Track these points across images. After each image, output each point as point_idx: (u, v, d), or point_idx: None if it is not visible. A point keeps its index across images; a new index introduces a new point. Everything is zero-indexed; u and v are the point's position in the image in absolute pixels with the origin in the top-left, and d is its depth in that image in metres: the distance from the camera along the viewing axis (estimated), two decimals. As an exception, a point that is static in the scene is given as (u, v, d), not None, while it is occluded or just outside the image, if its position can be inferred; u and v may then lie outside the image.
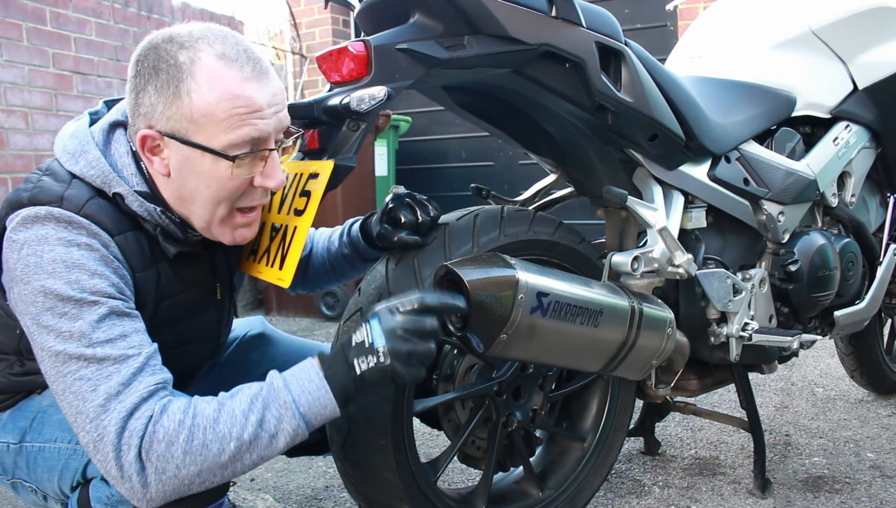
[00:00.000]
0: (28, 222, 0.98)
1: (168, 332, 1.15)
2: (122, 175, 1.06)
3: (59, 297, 0.95)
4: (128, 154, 1.08)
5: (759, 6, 1.87)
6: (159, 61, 1.01)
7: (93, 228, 1.01)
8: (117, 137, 1.10)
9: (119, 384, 0.93)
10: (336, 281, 1.48)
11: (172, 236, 1.10)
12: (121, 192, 1.04)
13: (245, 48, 1.04)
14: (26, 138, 3.34)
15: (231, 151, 1.01)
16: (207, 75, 1.00)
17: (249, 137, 1.02)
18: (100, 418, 0.91)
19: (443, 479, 1.55)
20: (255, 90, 1.01)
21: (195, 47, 1.01)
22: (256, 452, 0.95)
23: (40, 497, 1.16)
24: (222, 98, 0.99)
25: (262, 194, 1.09)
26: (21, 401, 1.17)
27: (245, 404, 0.95)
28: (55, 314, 0.95)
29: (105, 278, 0.98)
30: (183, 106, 1.00)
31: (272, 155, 1.06)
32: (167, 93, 1.00)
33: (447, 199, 2.95)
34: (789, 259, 1.65)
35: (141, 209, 1.06)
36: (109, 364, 0.94)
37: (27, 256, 0.97)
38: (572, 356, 1.26)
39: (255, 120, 1.01)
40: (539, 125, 1.47)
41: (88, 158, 1.05)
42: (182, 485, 0.92)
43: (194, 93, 0.99)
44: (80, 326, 0.94)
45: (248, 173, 1.05)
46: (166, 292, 1.13)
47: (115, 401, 0.92)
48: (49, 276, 0.95)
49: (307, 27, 5.14)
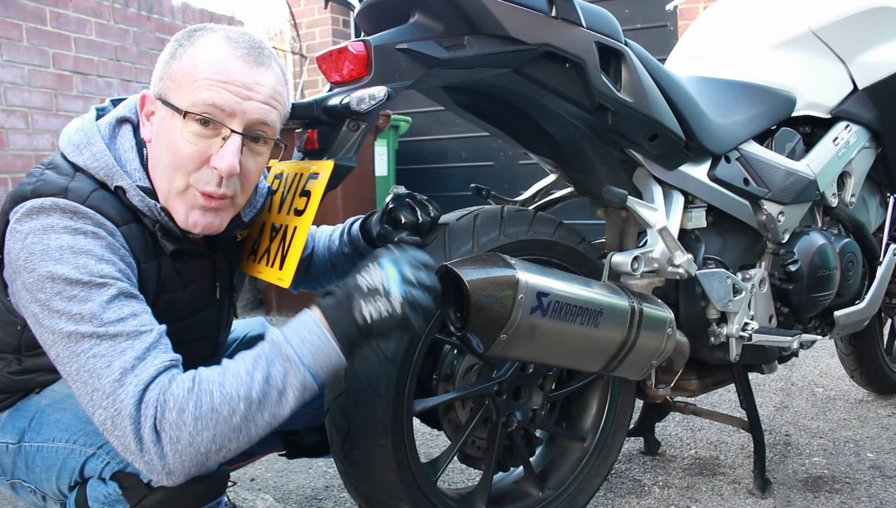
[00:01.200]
0: (33, 213, 0.98)
1: (171, 325, 1.15)
2: (125, 169, 1.07)
3: (68, 281, 0.95)
4: (132, 149, 1.09)
5: (759, 6, 1.87)
6: (182, 36, 1.08)
7: (98, 217, 1.01)
8: (123, 131, 1.10)
9: (134, 359, 0.93)
10: (337, 279, 1.48)
11: (170, 233, 1.09)
12: (123, 185, 1.05)
13: (254, 40, 1.07)
14: (26, 138, 3.34)
15: (189, 109, 1.02)
16: (204, 44, 1.04)
17: (211, 102, 1.01)
18: (116, 392, 0.91)
19: (443, 479, 1.54)
20: (237, 67, 1.03)
21: (213, 30, 1.07)
22: (268, 410, 0.95)
23: (39, 498, 1.16)
24: (204, 63, 1.03)
25: (215, 179, 1.04)
26: (19, 401, 1.17)
27: (249, 363, 0.95)
28: (64, 298, 0.94)
29: (112, 263, 0.99)
30: (173, 65, 1.05)
31: (233, 138, 1.03)
32: (168, 56, 1.06)
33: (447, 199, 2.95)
34: (789, 259, 1.65)
35: (142, 204, 1.06)
36: (123, 340, 0.94)
37: (32, 244, 0.97)
38: (572, 356, 1.26)
39: (222, 89, 1.02)
40: (539, 125, 1.47)
41: (93, 149, 1.06)
42: (199, 454, 0.92)
43: (186, 56, 1.04)
44: (91, 307, 0.94)
45: (205, 147, 1.03)
46: (166, 286, 1.12)
47: (130, 374, 0.92)
48: (56, 262, 0.95)
49: (307, 27, 5.14)
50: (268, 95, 1.06)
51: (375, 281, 1.01)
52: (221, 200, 1.07)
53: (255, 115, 1.05)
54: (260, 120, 1.06)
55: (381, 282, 1.01)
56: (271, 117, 1.07)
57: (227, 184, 1.06)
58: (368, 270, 1.02)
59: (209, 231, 1.09)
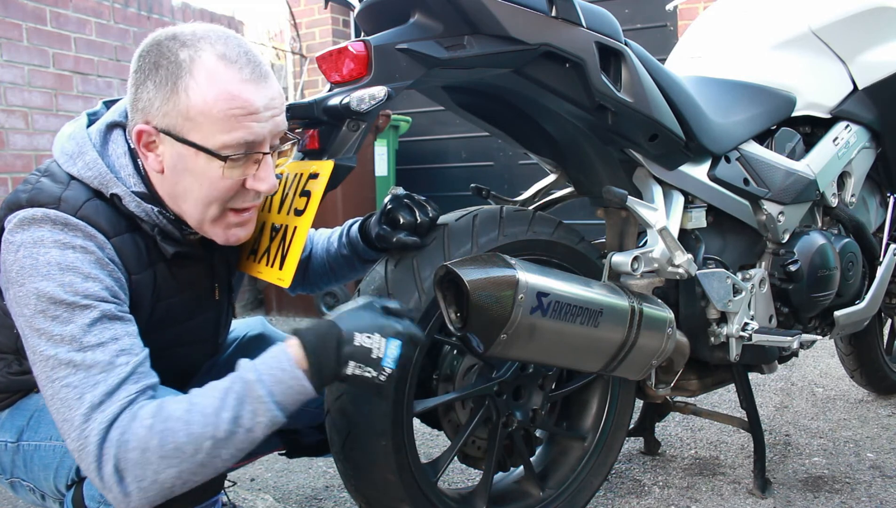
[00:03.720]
0: (25, 224, 0.99)
1: (166, 333, 1.15)
2: (119, 176, 1.06)
3: (52, 300, 0.95)
4: (125, 154, 1.08)
5: (759, 6, 1.87)
6: (160, 57, 1.01)
7: (89, 230, 1.00)
8: (115, 137, 1.09)
9: (103, 394, 0.92)
10: (335, 282, 1.48)
11: (170, 236, 1.09)
12: (118, 193, 1.04)
13: (246, 50, 1.04)
14: (26, 138, 3.34)
15: (224, 151, 1.01)
16: (206, 74, 1.00)
17: (244, 140, 1.01)
18: (82, 427, 0.91)
19: (443, 479, 1.54)
20: (252, 92, 1.01)
21: (197, 46, 1.01)
22: (235, 446, 0.94)
23: (38, 496, 1.16)
24: (219, 98, 0.99)
25: (253, 196, 1.08)
26: (19, 400, 1.17)
27: (217, 400, 0.94)
28: (47, 317, 0.94)
29: (99, 281, 0.98)
30: (180, 103, 1.00)
31: (266, 159, 1.05)
32: (165, 89, 1.00)
33: (447, 199, 2.95)
34: (789, 259, 1.65)
35: (138, 210, 1.06)
36: (97, 372, 0.93)
37: (23, 258, 0.97)
38: (572, 356, 1.26)
39: (251, 122, 1.01)
40: (539, 125, 1.47)
41: (86, 159, 1.05)
42: (164, 489, 0.92)
43: (192, 90, 0.99)
44: (71, 329, 0.94)
45: (241, 175, 1.05)
46: (163, 293, 1.12)
47: (97, 411, 0.91)
48: (43, 278, 0.95)
49: (307, 27, 5.14)
50: (281, 103, 1.07)
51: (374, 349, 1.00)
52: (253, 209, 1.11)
53: (280, 127, 1.07)
54: (281, 130, 1.07)
55: (378, 352, 1.01)
56: (285, 120, 1.09)
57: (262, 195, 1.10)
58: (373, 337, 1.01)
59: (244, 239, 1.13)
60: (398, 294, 1.22)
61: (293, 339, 1.00)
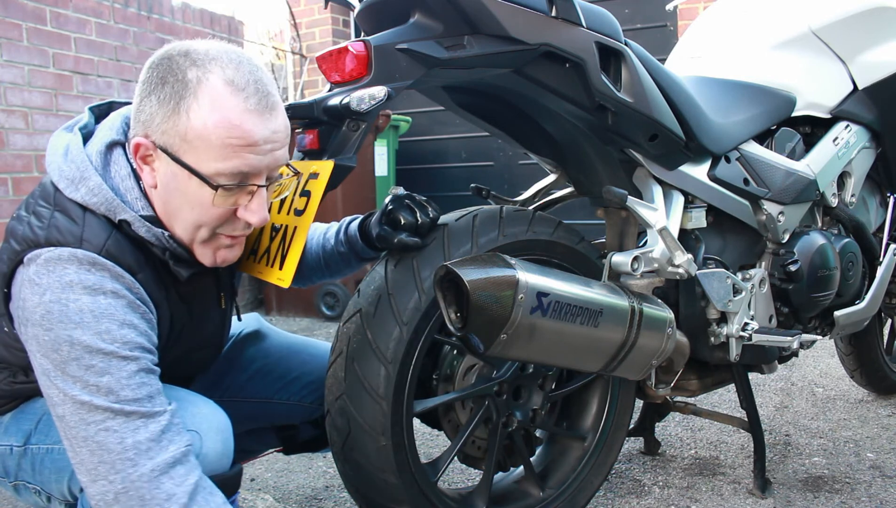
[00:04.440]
0: (50, 265, 0.96)
1: (178, 347, 1.15)
2: (125, 200, 1.04)
3: (87, 348, 0.93)
4: (129, 176, 1.05)
5: (759, 6, 1.87)
6: (168, 73, 0.99)
7: (116, 270, 0.98)
8: (115, 158, 1.06)
9: (148, 441, 0.92)
10: (329, 277, 1.48)
11: (181, 259, 1.07)
12: (127, 219, 1.02)
13: (257, 78, 1.00)
14: (26, 138, 3.34)
15: (217, 179, 0.99)
16: (210, 98, 0.97)
17: (238, 170, 0.99)
18: (126, 471, 0.91)
19: (443, 479, 1.54)
20: (254, 123, 0.98)
21: (207, 67, 0.98)
22: None
23: (44, 499, 1.16)
24: (219, 125, 0.97)
25: (243, 225, 1.06)
26: (22, 404, 1.17)
27: None
28: (81, 366, 0.93)
29: (134, 327, 0.97)
30: (179, 123, 0.98)
31: (260, 191, 1.03)
32: (167, 106, 0.98)
33: (447, 199, 2.95)
34: (789, 259, 1.65)
35: (149, 235, 1.03)
36: (137, 418, 0.93)
37: (50, 302, 0.94)
38: (572, 356, 1.26)
39: (248, 154, 0.98)
40: (539, 125, 1.47)
41: (89, 184, 1.02)
42: None
43: (193, 112, 0.97)
44: (108, 381, 0.93)
45: (232, 204, 1.03)
46: (176, 317, 1.12)
47: (144, 457, 0.91)
48: (77, 326, 0.93)
49: (307, 27, 5.14)
50: (284, 136, 1.03)
51: None
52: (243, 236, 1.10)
53: (279, 162, 1.04)
54: (280, 165, 1.05)
55: None
56: (287, 154, 1.06)
57: None
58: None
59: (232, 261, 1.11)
60: (398, 294, 1.22)
61: None
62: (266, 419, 1.47)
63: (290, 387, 1.45)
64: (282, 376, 1.45)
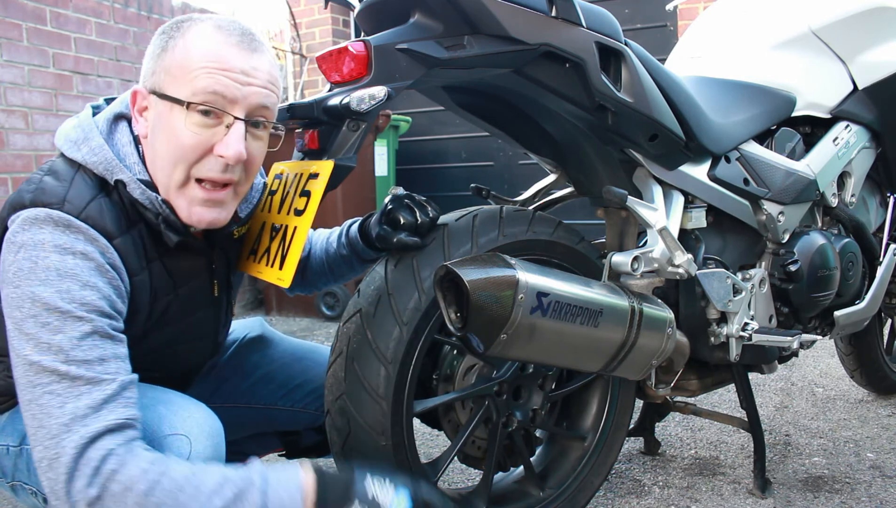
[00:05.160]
0: (27, 225, 0.98)
1: (165, 331, 1.14)
2: (125, 163, 1.07)
3: (46, 306, 0.94)
4: (130, 143, 1.09)
5: (759, 6, 1.87)
6: (169, 28, 1.07)
7: (91, 233, 1.00)
8: (121, 128, 1.11)
9: (87, 407, 0.90)
10: (334, 282, 1.48)
11: (173, 226, 1.09)
12: (123, 179, 1.05)
13: (245, 28, 1.07)
14: (26, 138, 3.34)
15: (190, 98, 1.02)
16: (196, 34, 1.04)
17: (211, 89, 1.02)
18: (60, 436, 0.89)
19: (443, 479, 1.54)
20: (232, 53, 1.03)
21: (201, 19, 1.07)
22: None
23: (40, 500, 1.16)
24: (199, 52, 1.02)
25: (219, 166, 1.05)
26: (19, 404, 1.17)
27: (216, 484, 0.91)
28: (38, 323, 0.93)
29: (96, 289, 0.97)
30: (165, 58, 1.04)
31: (236, 125, 1.04)
32: (158, 50, 1.06)
33: (447, 199, 2.95)
34: (789, 259, 1.65)
35: (143, 197, 1.06)
36: (81, 384, 0.92)
37: (22, 260, 0.96)
38: (572, 356, 1.26)
39: (222, 77, 1.02)
40: (539, 125, 1.47)
41: (91, 144, 1.05)
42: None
43: (178, 48, 1.04)
44: (60, 340, 0.93)
45: (209, 136, 1.03)
46: (160, 292, 1.12)
47: (79, 423, 0.89)
48: (41, 283, 0.94)
49: (307, 27, 5.14)
50: (265, 79, 1.06)
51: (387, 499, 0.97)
52: (224, 188, 1.08)
53: (256, 99, 1.05)
54: (261, 104, 1.06)
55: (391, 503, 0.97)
56: (271, 101, 1.08)
57: (232, 170, 1.06)
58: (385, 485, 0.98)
59: (214, 225, 1.10)
60: (398, 294, 1.22)
61: (311, 474, 0.96)
62: (269, 425, 1.47)
63: (293, 394, 1.45)
64: (285, 382, 1.45)
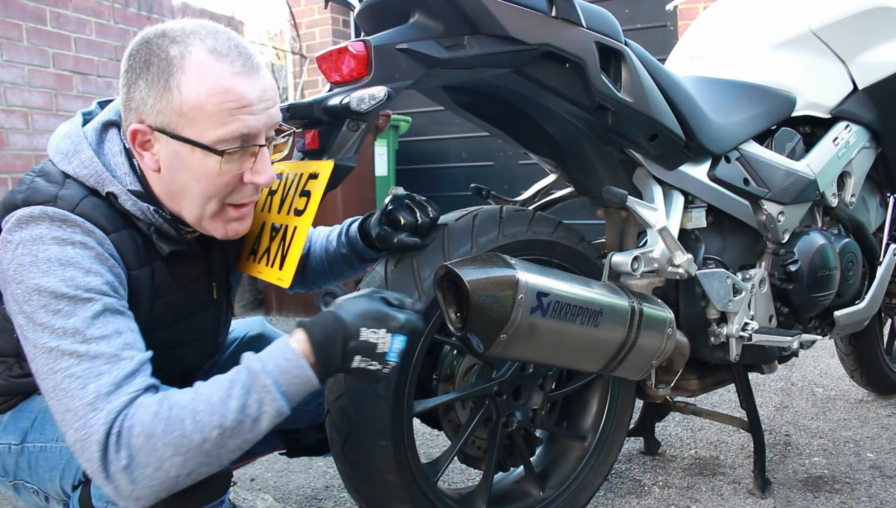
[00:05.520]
0: (23, 223, 0.98)
1: (164, 332, 1.14)
2: (115, 174, 1.06)
3: (54, 294, 0.94)
4: (121, 153, 1.08)
5: (759, 6, 1.87)
6: (150, 56, 1.01)
7: (87, 225, 1.00)
8: (110, 136, 1.09)
9: (110, 384, 0.91)
10: (334, 280, 1.48)
11: (166, 235, 1.09)
12: (114, 191, 1.04)
13: (236, 44, 1.04)
14: (26, 138, 3.34)
15: (220, 145, 1.01)
16: (198, 69, 0.99)
17: (239, 133, 1.01)
18: (87, 417, 0.90)
19: (443, 479, 1.54)
20: (245, 85, 1.01)
21: (186, 42, 1.01)
22: (241, 437, 0.94)
23: (42, 498, 1.16)
24: (212, 92, 0.99)
25: (252, 190, 1.08)
26: (21, 402, 1.17)
27: (223, 390, 0.93)
28: (49, 312, 0.94)
29: (99, 275, 0.98)
30: (173, 100, 1.00)
31: (262, 151, 1.05)
32: (157, 87, 1.00)
33: (447, 199, 2.95)
34: (789, 259, 1.65)
35: (134, 208, 1.06)
36: (101, 363, 0.92)
37: (21, 255, 0.96)
38: (572, 356, 1.26)
39: (245, 115, 1.01)
40: (539, 125, 1.47)
41: (81, 157, 1.05)
42: (168, 479, 0.91)
43: (184, 87, 0.99)
44: (75, 322, 0.93)
45: (238, 169, 1.05)
46: (161, 291, 1.12)
47: (104, 401, 0.90)
48: (43, 274, 0.95)
49: (307, 27, 5.14)
50: (274, 95, 1.07)
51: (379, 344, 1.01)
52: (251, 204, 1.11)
53: (274, 119, 1.07)
54: (275, 122, 1.07)
55: (382, 346, 1.01)
56: (280, 111, 1.09)
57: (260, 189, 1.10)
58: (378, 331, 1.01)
59: (243, 234, 1.13)
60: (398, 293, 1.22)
61: (299, 332, 1.00)
62: None
63: None
64: None
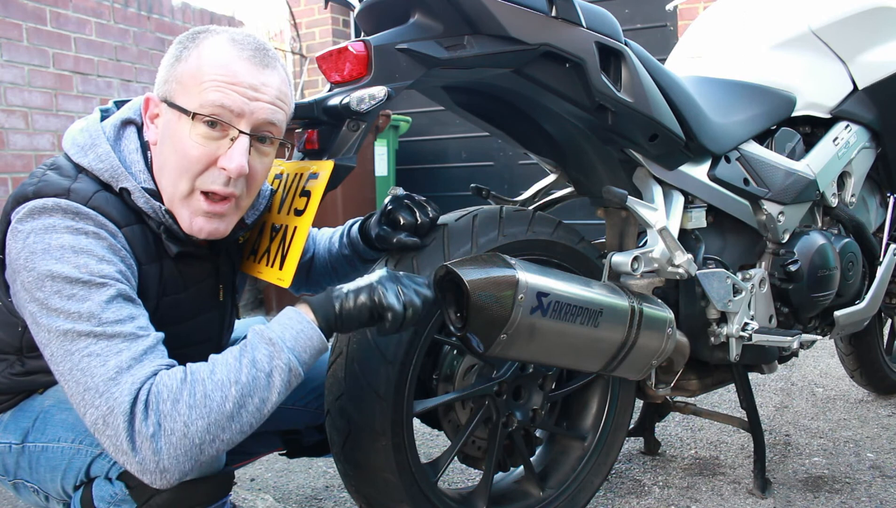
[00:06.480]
0: (35, 213, 0.98)
1: (169, 331, 1.14)
2: (130, 171, 1.07)
3: (68, 279, 0.94)
4: (137, 151, 1.09)
5: (759, 6, 1.87)
6: (185, 38, 1.08)
7: (99, 218, 1.01)
8: (128, 133, 1.11)
9: (130, 359, 0.92)
10: (338, 281, 1.48)
11: (175, 235, 1.09)
12: (128, 187, 1.05)
13: (259, 42, 1.08)
14: (26, 138, 3.34)
15: (196, 110, 1.02)
16: (210, 46, 1.05)
17: (219, 102, 1.02)
18: (110, 391, 0.90)
19: (443, 479, 1.54)
20: (244, 68, 1.04)
21: (216, 31, 1.08)
22: (258, 394, 0.95)
23: (42, 498, 1.16)
24: (211, 64, 1.03)
25: (222, 179, 1.05)
26: (22, 401, 1.17)
27: (235, 352, 0.97)
28: (63, 297, 0.94)
29: (112, 264, 0.99)
30: (178, 68, 1.05)
31: (240, 139, 1.04)
32: (172, 59, 1.07)
33: (447, 199, 2.95)
34: (789, 259, 1.65)
35: (146, 206, 1.06)
36: (120, 341, 0.93)
37: (33, 243, 0.97)
38: (572, 356, 1.26)
39: (231, 91, 1.02)
40: (539, 125, 1.47)
41: (98, 151, 1.06)
42: (193, 445, 0.91)
43: (192, 58, 1.04)
44: (90, 306, 0.94)
45: (214, 150, 1.04)
46: (168, 288, 1.12)
47: (126, 374, 0.91)
48: (57, 261, 0.95)
49: (307, 27, 5.14)
50: (274, 95, 1.06)
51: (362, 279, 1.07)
52: (226, 202, 1.08)
53: (263, 115, 1.05)
54: (267, 120, 1.06)
55: (367, 279, 1.07)
56: (278, 117, 1.08)
57: (234, 184, 1.07)
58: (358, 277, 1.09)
59: (214, 236, 1.10)
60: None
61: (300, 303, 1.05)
62: (270, 423, 1.47)
63: (293, 392, 1.44)
64: None
